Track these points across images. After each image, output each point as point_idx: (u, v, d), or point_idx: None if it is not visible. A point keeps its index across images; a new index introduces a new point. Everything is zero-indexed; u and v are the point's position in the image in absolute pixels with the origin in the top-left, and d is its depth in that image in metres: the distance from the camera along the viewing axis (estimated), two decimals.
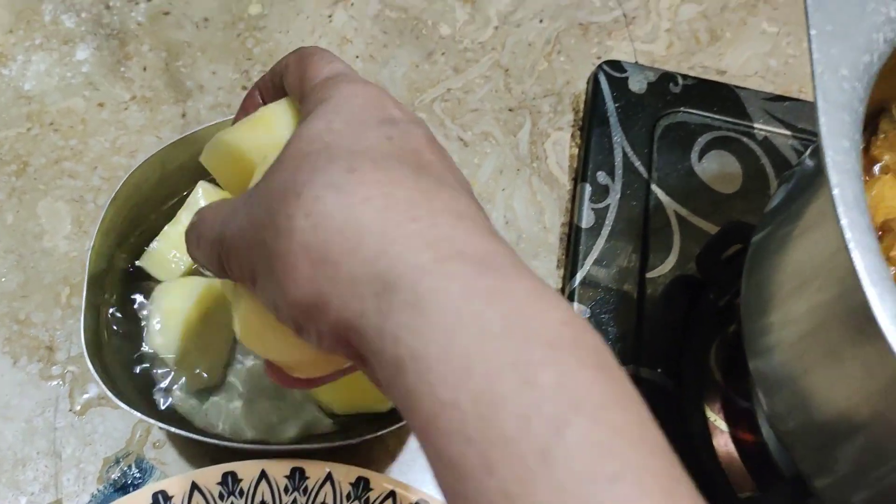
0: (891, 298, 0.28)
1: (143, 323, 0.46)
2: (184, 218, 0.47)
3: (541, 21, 0.62)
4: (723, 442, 0.47)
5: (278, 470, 0.40)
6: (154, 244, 0.46)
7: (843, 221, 0.30)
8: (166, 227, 0.47)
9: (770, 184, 0.55)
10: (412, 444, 0.45)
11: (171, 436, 0.46)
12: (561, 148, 0.56)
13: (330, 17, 0.60)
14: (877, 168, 0.45)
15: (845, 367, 0.34)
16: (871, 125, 0.45)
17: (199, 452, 0.45)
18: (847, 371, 0.34)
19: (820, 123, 0.32)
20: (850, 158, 0.31)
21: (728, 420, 0.47)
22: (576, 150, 0.56)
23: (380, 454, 0.45)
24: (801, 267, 0.38)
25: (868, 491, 0.35)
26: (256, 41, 0.58)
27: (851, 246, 0.29)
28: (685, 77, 0.59)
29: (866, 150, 0.45)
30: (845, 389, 0.34)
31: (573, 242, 0.52)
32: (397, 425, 0.41)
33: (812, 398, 0.36)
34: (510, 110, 0.57)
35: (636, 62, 0.60)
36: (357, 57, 0.58)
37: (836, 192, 0.30)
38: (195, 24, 0.58)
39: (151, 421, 0.40)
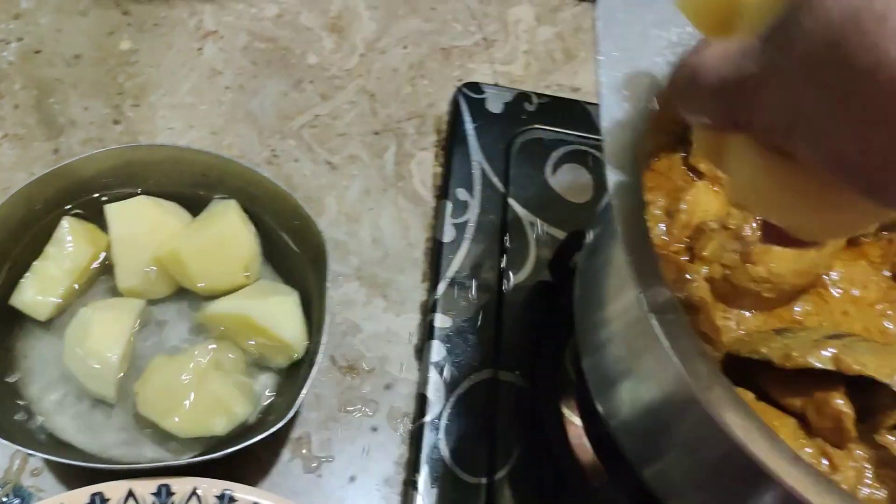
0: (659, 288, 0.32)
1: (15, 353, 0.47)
2: (51, 252, 0.48)
3: (405, 47, 0.65)
4: (577, 435, 0.50)
5: (145, 488, 0.42)
6: (23, 280, 0.48)
7: (621, 232, 0.34)
8: (35, 263, 0.48)
9: None
10: (284, 457, 0.48)
11: (49, 463, 0.47)
12: (425, 168, 0.60)
13: (200, 49, 0.62)
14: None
15: (645, 367, 0.38)
16: (688, 137, 0.50)
17: (77, 477, 0.47)
18: (648, 371, 0.37)
19: (604, 143, 0.36)
20: (627, 173, 0.35)
21: (582, 415, 0.51)
22: (439, 170, 0.60)
23: (252, 468, 0.47)
24: (615, 269, 0.42)
25: (686, 483, 0.39)
26: (128, 76, 0.60)
27: (623, 243, 0.33)
28: (540, 96, 0.63)
29: (686, 159, 0.50)
30: (651, 389, 0.38)
31: (436, 256, 0.55)
32: (258, 437, 0.43)
33: (629, 396, 0.40)
34: (376, 133, 0.60)
35: (495, 83, 0.64)
36: (227, 88, 0.60)
37: (615, 203, 0.34)
38: (66, 61, 0.60)
39: (22, 449, 0.42)
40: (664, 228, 0.47)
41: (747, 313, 0.45)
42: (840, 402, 0.39)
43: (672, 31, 0.40)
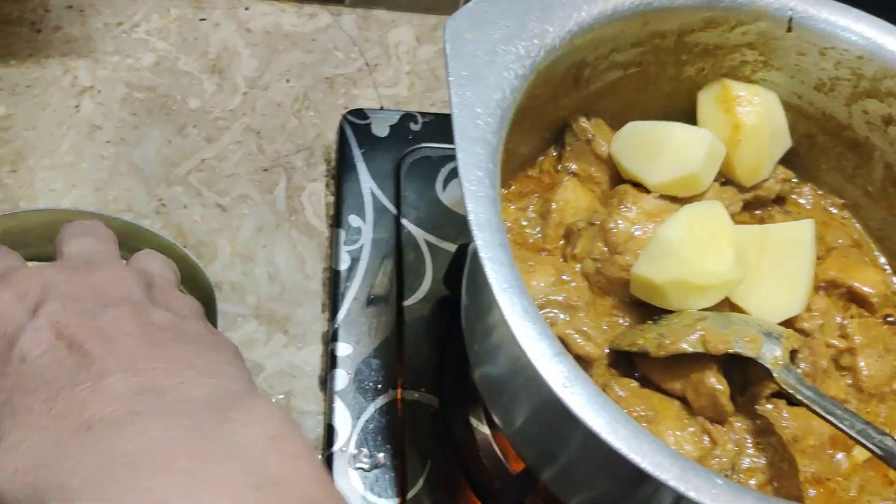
0: (518, 302, 0.33)
1: None
2: None
3: (288, 81, 0.66)
4: (487, 443, 0.51)
5: None
6: None
7: (478, 242, 0.34)
8: None
9: None
10: None
11: None
12: (317, 198, 0.60)
13: (77, 107, 0.61)
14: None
15: (517, 374, 0.38)
16: (559, 140, 0.51)
17: None
18: (520, 378, 0.38)
19: (458, 159, 0.37)
20: (483, 186, 0.36)
21: (489, 424, 0.52)
22: (331, 199, 0.60)
23: None
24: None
25: (580, 483, 0.40)
26: (2, 142, 0.59)
27: (485, 261, 0.34)
28: (424, 115, 0.64)
29: (560, 160, 0.51)
30: (526, 396, 0.39)
31: (333, 285, 0.55)
32: None
33: (514, 404, 0.41)
34: (265, 170, 0.61)
35: (381, 107, 0.65)
36: (108, 142, 0.60)
37: (471, 217, 0.35)
38: None
39: None
40: (539, 231, 0.48)
41: None
42: (713, 381, 0.40)
43: (519, 45, 0.41)
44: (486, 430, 0.52)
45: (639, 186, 0.49)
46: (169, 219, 0.57)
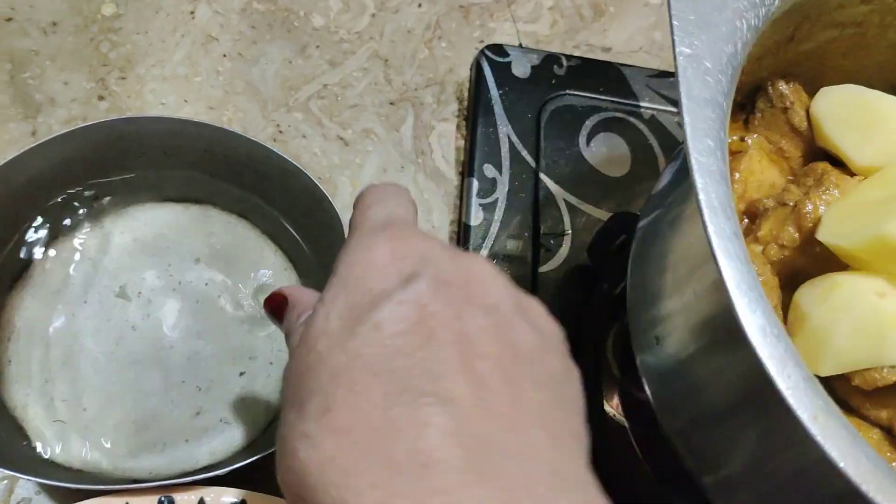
0: (758, 307, 0.27)
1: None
2: None
3: (420, 5, 0.59)
4: (622, 434, 0.46)
5: (144, 502, 0.38)
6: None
7: (710, 229, 0.28)
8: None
9: (658, 164, 0.54)
10: None
11: (43, 489, 0.43)
12: (447, 141, 0.54)
13: (192, 13, 0.55)
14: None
15: (721, 369, 0.33)
16: (749, 104, 0.44)
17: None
18: (723, 374, 0.33)
19: (685, 123, 0.30)
20: (715, 159, 0.30)
21: (627, 415, 0.46)
22: (462, 143, 0.54)
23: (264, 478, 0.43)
24: (684, 257, 0.37)
25: (749, 492, 0.35)
26: (112, 45, 0.53)
27: (718, 254, 0.28)
28: (569, 58, 0.57)
29: (747, 127, 0.44)
30: (723, 391, 0.33)
31: (462, 241, 0.50)
32: (267, 451, 0.38)
33: (694, 398, 0.36)
34: (391, 104, 0.55)
35: (520, 44, 0.59)
36: (224, 55, 0.54)
37: (701, 196, 0.29)
38: (42, 29, 0.53)
39: (9, 472, 0.37)
40: None
41: None
42: None
43: None
44: (623, 421, 0.46)
45: (838, 166, 0.42)
46: (286, 147, 0.52)
